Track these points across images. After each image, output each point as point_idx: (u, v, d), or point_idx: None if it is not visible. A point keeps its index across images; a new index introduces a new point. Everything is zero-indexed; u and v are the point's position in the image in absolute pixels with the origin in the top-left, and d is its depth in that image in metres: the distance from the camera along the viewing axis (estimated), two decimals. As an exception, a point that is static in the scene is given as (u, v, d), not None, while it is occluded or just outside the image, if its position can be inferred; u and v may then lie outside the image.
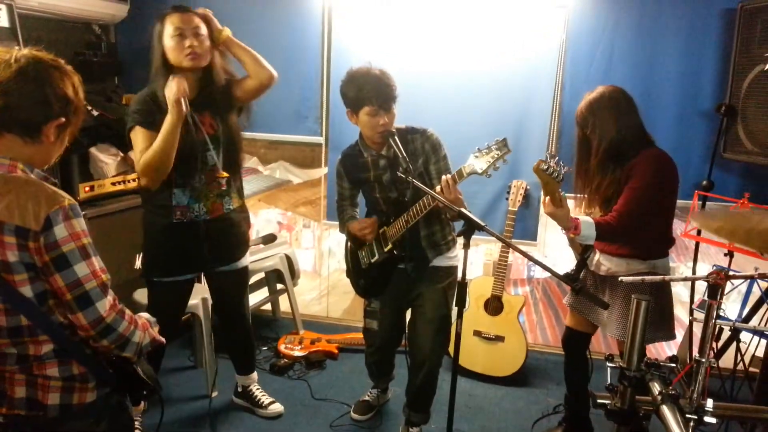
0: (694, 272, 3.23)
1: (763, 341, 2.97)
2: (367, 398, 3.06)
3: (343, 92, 2.41)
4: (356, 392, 3.13)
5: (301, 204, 4.05)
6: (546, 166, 2.06)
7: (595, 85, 3.33)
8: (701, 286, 3.26)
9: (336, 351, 3.60)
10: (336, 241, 4.00)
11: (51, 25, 3.39)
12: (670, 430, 1.35)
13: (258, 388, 3.01)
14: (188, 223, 2.47)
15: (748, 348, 3.01)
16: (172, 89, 2.22)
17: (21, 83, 1.36)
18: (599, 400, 1.63)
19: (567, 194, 2.22)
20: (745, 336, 3.03)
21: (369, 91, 2.31)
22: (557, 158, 2.09)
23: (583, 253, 2.29)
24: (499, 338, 3.35)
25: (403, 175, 2.25)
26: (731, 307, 3.19)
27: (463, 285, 2.07)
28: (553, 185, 2.14)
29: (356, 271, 2.76)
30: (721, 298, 1.48)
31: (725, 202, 3.02)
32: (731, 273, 1.54)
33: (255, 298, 3.74)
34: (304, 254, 4.09)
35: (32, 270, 1.36)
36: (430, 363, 2.62)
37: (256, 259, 3.50)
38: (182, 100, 2.22)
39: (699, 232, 3.08)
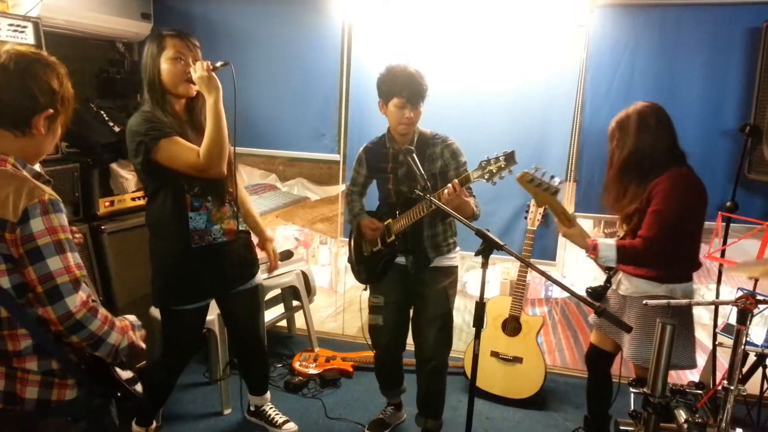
0: (717, 295, 3.15)
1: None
2: (381, 416, 3.03)
3: (378, 83, 2.56)
4: (371, 412, 3.09)
5: (318, 221, 4.05)
6: (530, 178, 2.06)
7: (616, 104, 3.34)
8: (724, 309, 3.19)
9: (351, 369, 3.57)
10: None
11: (76, 43, 3.46)
12: (697, 460, 1.30)
13: (271, 407, 2.98)
14: (207, 247, 2.44)
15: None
16: (198, 70, 2.20)
17: (3, 78, 1.40)
18: (622, 427, 1.59)
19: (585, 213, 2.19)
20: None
21: (401, 85, 2.46)
22: (544, 171, 2.08)
23: (609, 271, 2.25)
24: (518, 359, 3.29)
25: (421, 193, 2.26)
26: (756, 331, 3.10)
27: (481, 305, 2.03)
28: (544, 197, 2.13)
29: (357, 259, 2.85)
30: (750, 322, 1.43)
31: (750, 224, 2.95)
32: (760, 297, 1.49)
33: (270, 314, 3.72)
34: (321, 271, 4.08)
35: (10, 261, 1.38)
36: (435, 361, 2.70)
37: (272, 276, 3.49)
38: (212, 73, 2.21)
39: (723, 254, 3.02)
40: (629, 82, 3.29)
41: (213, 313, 2.99)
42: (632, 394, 1.53)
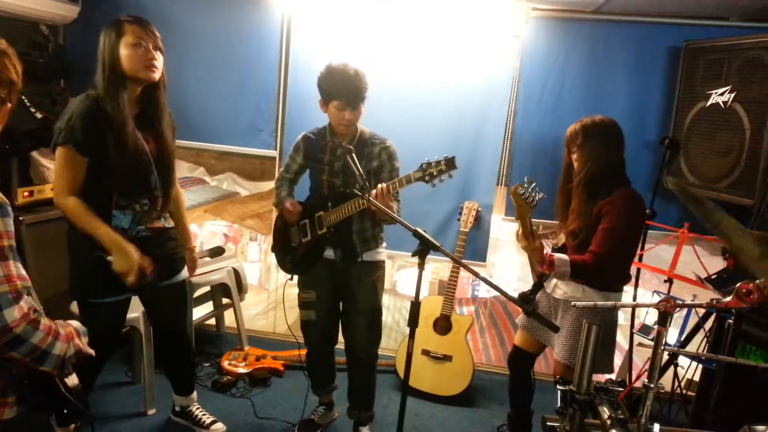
0: (634, 298, 3.34)
1: (697, 366, 3.10)
2: (312, 417, 3.01)
3: (319, 83, 2.57)
4: (301, 411, 3.07)
5: (248, 217, 3.98)
6: (522, 191, 2.10)
7: (545, 114, 3.48)
8: (638, 311, 3.39)
9: (282, 368, 3.53)
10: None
11: (-5, 22, 3.24)
12: (618, 454, 1.37)
13: (198, 407, 2.90)
14: (129, 240, 2.30)
15: (686, 372, 3.14)
16: (129, 265, 2.20)
17: None
18: (549, 423, 1.65)
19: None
20: (682, 360, 3.15)
21: (340, 88, 2.50)
22: (534, 185, 2.13)
23: (541, 276, 2.33)
24: (447, 358, 3.37)
25: (359, 193, 2.26)
26: (669, 332, 3.30)
27: (416, 305, 2.07)
28: (525, 210, 2.17)
29: (284, 249, 2.84)
30: (669, 325, 1.53)
31: (666, 231, 3.15)
32: (679, 301, 1.59)
33: (199, 312, 3.62)
34: (250, 268, 4.01)
35: None
36: (366, 354, 2.80)
37: (202, 272, 3.40)
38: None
39: (640, 258, 3.20)
40: (559, 93, 3.43)
41: (137, 311, 2.88)
42: (558, 392, 1.59)
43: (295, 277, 2.85)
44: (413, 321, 2.08)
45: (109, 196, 2.29)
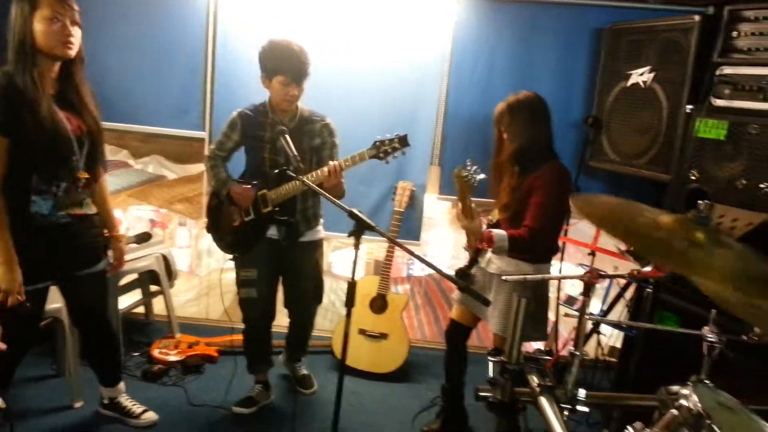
0: (560, 271, 3.48)
1: (618, 333, 3.27)
2: (249, 394, 3.01)
3: (262, 58, 2.56)
4: (237, 396, 3.03)
5: (177, 201, 3.84)
6: (465, 173, 2.16)
7: (477, 93, 3.53)
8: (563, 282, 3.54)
9: (216, 354, 3.46)
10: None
11: None
12: (547, 420, 1.43)
13: (127, 398, 2.81)
14: (47, 226, 2.22)
15: (608, 340, 3.31)
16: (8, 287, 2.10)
17: None
18: (481, 393, 1.70)
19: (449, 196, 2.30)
20: (604, 329, 3.32)
21: (287, 63, 2.51)
22: (476, 167, 2.19)
23: (477, 252, 2.38)
24: (383, 336, 3.40)
25: (293, 174, 2.25)
26: (592, 303, 3.46)
27: (353, 285, 2.07)
28: (467, 191, 2.22)
29: (223, 228, 2.81)
30: (593, 295, 1.59)
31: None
32: (602, 273, 1.67)
33: (126, 300, 3.48)
34: (180, 253, 3.89)
35: None
36: (308, 322, 3.11)
37: (128, 259, 3.26)
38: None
39: (566, 233, 3.33)
40: (489, 74, 3.48)
41: (61, 301, 2.74)
42: (490, 363, 1.63)
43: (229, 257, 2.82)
44: (350, 301, 2.08)
45: (27, 180, 2.15)
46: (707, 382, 1.33)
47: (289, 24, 3.43)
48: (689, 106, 2.62)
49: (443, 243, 3.83)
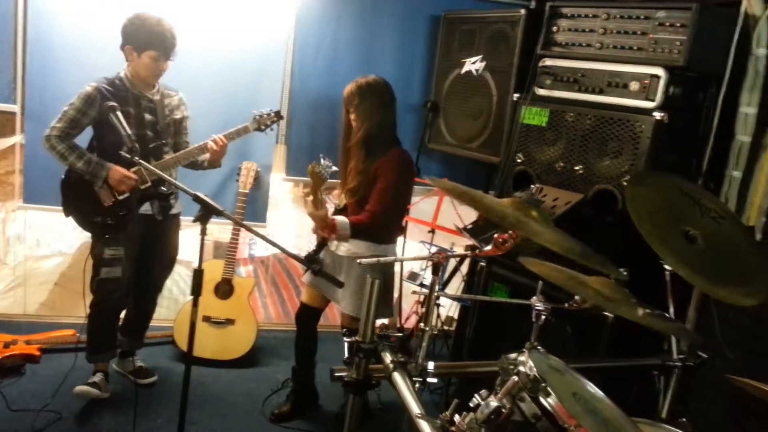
0: (403, 249, 3.64)
1: (455, 304, 3.52)
2: (93, 380, 2.83)
3: (131, 31, 2.55)
4: (65, 396, 2.76)
5: (-22, 181, 3.37)
6: (319, 169, 2.21)
7: (322, 74, 3.53)
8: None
9: (38, 353, 3.11)
10: (27, 224, 3.45)
11: None
12: (401, 393, 1.50)
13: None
14: None
15: (447, 311, 3.54)
16: None
17: None
18: (336, 374, 1.73)
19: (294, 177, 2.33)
20: (443, 300, 3.54)
21: (159, 38, 2.55)
22: (329, 161, 2.23)
23: (324, 237, 2.41)
24: (230, 321, 3.31)
25: (128, 156, 2.12)
26: (429, 275, 3.67)
27: (199, 272, 2.00)
28: (319, 183, 2.25)
29: (92, 210, 2.64)
30: (442, 273, 1.69)
31: (428, 187, 3.47)
32: (449, 253, 1.79)
33: None
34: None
35: None
36: (153, 304, 3.07)
37: None
38: None
39: (407, 212, 3.48)
40: (334, 56, 3.50)
41: None
42: (345, 343, 1.67)
43: (50, 246, 2.61)
44: (197, 289, 2.00)
45: None
46: (539, 347, 1.48)
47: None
48: (516, 95, 2.85)
49: (287, 223, 3.80)
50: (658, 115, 2.26)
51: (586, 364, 1.77)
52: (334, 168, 2.27)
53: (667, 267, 1.87)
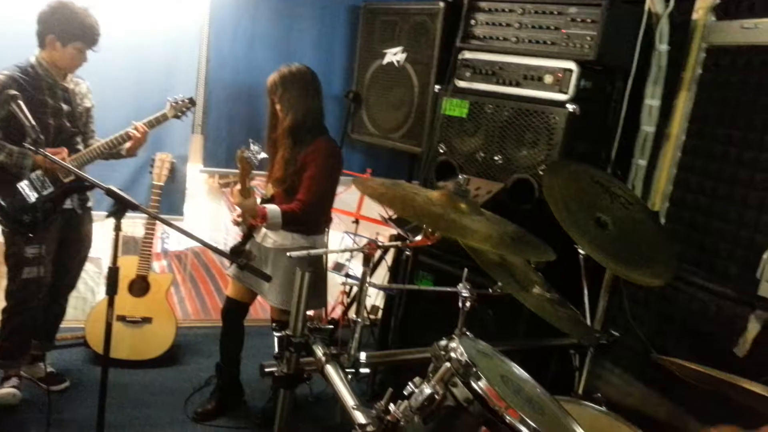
0: (327, 239, 3.62)
1: (380, 293, 3.55)
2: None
3: (56, 21, 2.44)
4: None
5: None
6: (248, 155, 2.16)
7: (239, 62, 3.44)
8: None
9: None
10: None
11: None
12: (335, 385, 1.50)
13: None
14: None
15: (373, 300, 3.57)
16: None
17: None
18: (267, 369, 1.71)
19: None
20: (369, 289, 3.57)
21: (88, 30, 2.50)
22: (258, 147, 2.19)
23: (251, 228, 2.37)
24: (147, 320, 3.17)
25: (32, 148, 2.00)
26: (354, 265, 3.67)
27: (115, 270, 1.90)
28: (248, 170, 2.21)
29: (17, 207, 2.47)
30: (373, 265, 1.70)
31: (352, 177, 3.46)
32: (380, 244, 1.80)
33: None
34: None
35: None
36: (65, 303, 2.97)
37: None
38: None
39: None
40: (250, 43, 3.40)
41: None
42: (275, 337, 1.65)
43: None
44: (112, 288, 1.91)
45: None
46: (468, 333, 1.52)
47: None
48: (437, 86, 2.89)
49: (202, 215, 3.68)
50: (570, 107, 2.37)
51: (508, 346, 1.85)
52: (264, 155, 2.24)
53: (581, 251, 1.97)
